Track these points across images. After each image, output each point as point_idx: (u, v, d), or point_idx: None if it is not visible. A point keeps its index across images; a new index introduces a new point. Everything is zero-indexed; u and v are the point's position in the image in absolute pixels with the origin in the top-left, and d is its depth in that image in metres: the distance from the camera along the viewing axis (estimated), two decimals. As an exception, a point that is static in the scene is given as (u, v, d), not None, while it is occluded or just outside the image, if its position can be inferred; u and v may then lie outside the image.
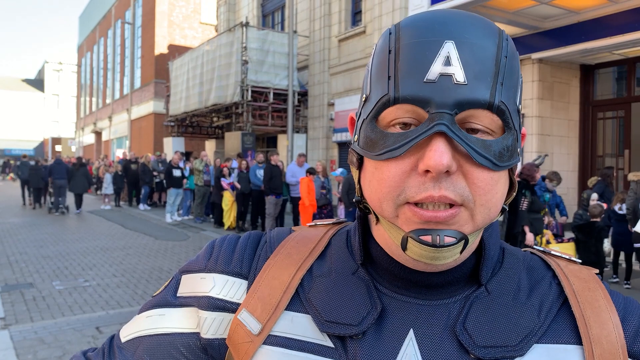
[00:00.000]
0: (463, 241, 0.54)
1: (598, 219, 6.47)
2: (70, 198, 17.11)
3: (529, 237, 6.19)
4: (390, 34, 0.58)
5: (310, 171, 10.13)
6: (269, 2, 18.39)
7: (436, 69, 0.52)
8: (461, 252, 0.55)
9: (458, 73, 0.52)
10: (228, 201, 12.12)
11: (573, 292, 0.61)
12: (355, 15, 14.37)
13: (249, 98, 14.59)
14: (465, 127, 0.54)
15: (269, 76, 15.06)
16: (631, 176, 6.98)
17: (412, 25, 0.56)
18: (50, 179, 15.89)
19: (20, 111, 56.12)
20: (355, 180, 0.63)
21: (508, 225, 6.32)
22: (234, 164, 12.60)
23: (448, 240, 0.53)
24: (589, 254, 6.47)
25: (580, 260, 0.68)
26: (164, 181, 14.88)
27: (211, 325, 0.65)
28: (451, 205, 0.54)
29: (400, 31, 0.57)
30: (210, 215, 13.90)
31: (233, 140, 14.93)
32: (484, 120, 0.54)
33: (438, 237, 0.53)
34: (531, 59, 9.37)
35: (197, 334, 0.66)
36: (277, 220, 11.18)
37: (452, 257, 0.55)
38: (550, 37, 8.94)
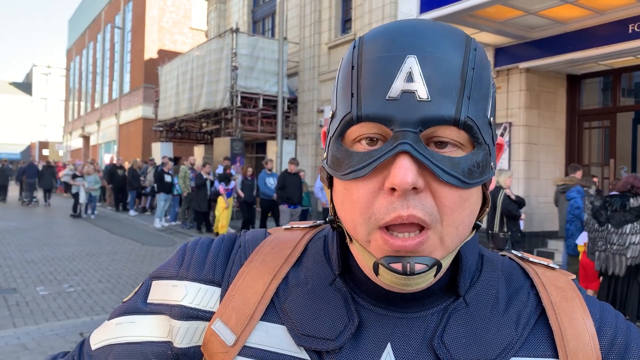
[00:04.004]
0: (435, 267, 0.53)
1: None
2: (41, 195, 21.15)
3: None
4: (354, 47, 0.57)
5: None
6: (260, 8, 18.42)
7: (398, 85, 0.51)
8: (435, 276, 0.54)
9: (421, 89, 0.50)
10: (220, 207, 11.96)
11: (551, 304, 0.61)
12: (345, 23, 14.43)
13: (239, 104, 14.56)
14: (432, 140, 0.53)
15: (258, 82, 15.04)
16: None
17: (375, 39, 0.55)
18: (24, 177, 20.36)
19: (8, 115, 55.47)
20: (328, 199, 0.62)
21: None
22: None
23: (419, 267, 0.52)
24: None
25: (557, 266, 0.68)
26: (154, 186, 14.78)
27: (185, 335, 0.64)
28: (421, 229, 0.53)
29: (363, 45, 0.55)
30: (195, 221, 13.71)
31: (222, 145, 14.88)
32: (451, 134, 0.52)
33: (408, 264, 0.52)
34: (519, 68, 9.46)
35: (169, 342, 0.64)
36: None
37: (425, 283, 0.54)
38: (538, 47, 9.04)
